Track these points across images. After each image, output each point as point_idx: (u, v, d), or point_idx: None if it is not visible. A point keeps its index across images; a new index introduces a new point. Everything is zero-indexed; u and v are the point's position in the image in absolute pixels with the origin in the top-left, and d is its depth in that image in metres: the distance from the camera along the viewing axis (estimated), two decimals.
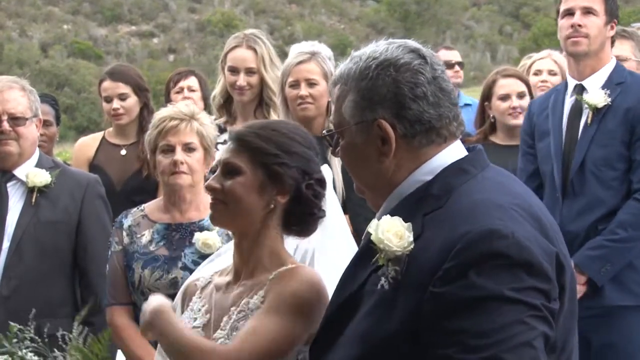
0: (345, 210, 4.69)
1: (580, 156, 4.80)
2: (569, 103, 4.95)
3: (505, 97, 5.71)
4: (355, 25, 68.09)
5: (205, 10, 67.66)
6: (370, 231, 2.25)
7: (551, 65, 6.42)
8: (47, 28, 63.88)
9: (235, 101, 5.51)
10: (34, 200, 4.53)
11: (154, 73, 43.12)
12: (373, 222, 2.26)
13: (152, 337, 2.89)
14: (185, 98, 6.17)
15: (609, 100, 4.79)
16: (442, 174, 2.30)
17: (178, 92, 6.39)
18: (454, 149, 2.35)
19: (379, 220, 2.26)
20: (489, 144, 5.61)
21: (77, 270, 4.61)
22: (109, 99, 5.77)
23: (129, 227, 4.12)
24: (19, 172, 4.58)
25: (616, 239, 4.68)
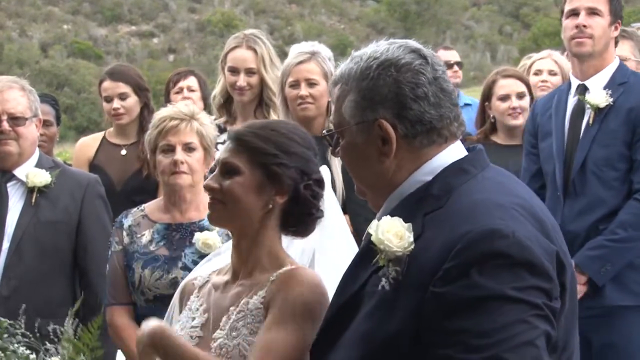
0: (345, 211, 4.69)
1: (582, 156, 4.80)
2: (571, 103, 4.95)
3: (504, 98, 5.71)
4: (355, 25, 68.03)
5: (205, 10, 67.59)
6: (371, 232, 2.24)
7: (551, 65, 6.42)
8: (47, 28, 63.83)
9: (235, 101, 5.51)
10: (34, 201, 4.53)
11: (154, 73, 43.06)
12: (373, 223, 2.25)
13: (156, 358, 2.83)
14: (184, 98, 6.16)
15: (610, 101, 4.79)
16: (442, 174, 2.30)
17: (177, 92, 6.38)
18: (455, 149, 2.34)
19: (379, 220, 2.26)
20: (490, 143, 5.61)
21: (77, 270, 4.61)
22: (109, 99, 5.77)
23: (129, 227, 4.12)
24: (19, 172, 4.58)
25: (616, 239, 4.68)
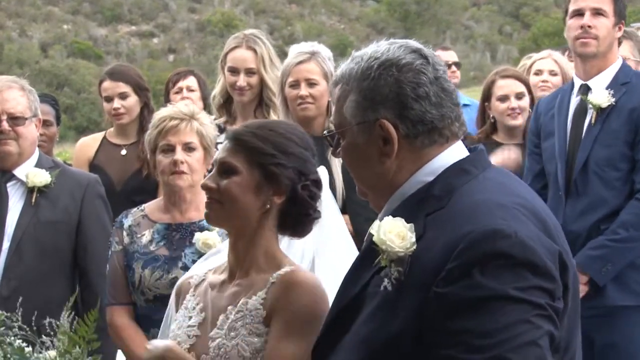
0: (345, 211, 4.69)
1: (584, 156, 4.80)
2: (574, 103, 4.95)
3: (503, 98, 5.70)
4: (355, 25, 68.01)
5: (205, 10, 67.57)
6: (372, 232, 2.23)
7: (552, 66, 6.41)
8: (47, 28, 63.81)
9: (235, 101, 5.50)
10: (33, 201, 4.53)
11: (154, 73, 43.05)
12: (375, 223, 2.24)
13: None
14: (184, 98, 6.16)
15: (612, 101, 4.79)
16: (444, 174, 2.29)
17: (177, 93, 6.37)
18: (456, 150, 2.34)
19: (381, 221, 2.25)
20: (491, 142, 5.62)
21: (77, 270, 4.61)
22: (109, 99, 5.77)
23: (129, 227, 4.12)
24: (19, 172, 4.58)
25: (617, 239, 4.68)
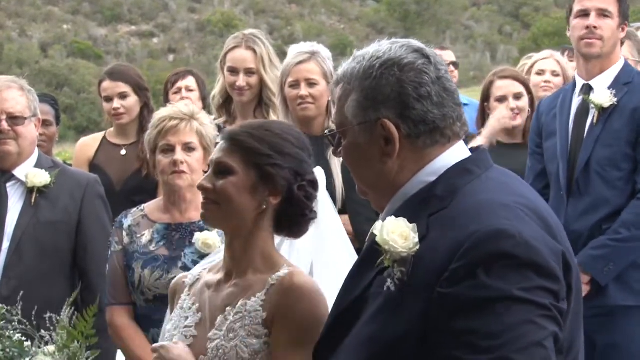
0: (345, 211, 4.69)
1: (586, 156, 4.80)
2: (576, 103, 4.95)
3: (502, 99, 5.70)
4: (355, 25, 68.05)
5: (205, 10, 67.61)
6: (376, 232, 2.22)
7: (554, 66, 6.42)
8: (47, 28, 63.84)
9: (235, 101, 5.50)
10: (33, 201, 4.53)
11: (154, 73, 43.08)
12: (378, 224, 2.23)
13: None
14: (183, 98, 6.16)
15: (614, 100, 4.79)
16: (446, 174, 2.28)
17: (176, 93, 6.37)
18: (458, 150, 2.33)
19: (383, 221, 2.24)
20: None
21: (77, 270, 4.60)
22: (109, 99, 5.76)
23: (129, 227, 4.11)
24: (19, 172, 4.58)
25: (619, 239, 4.67)
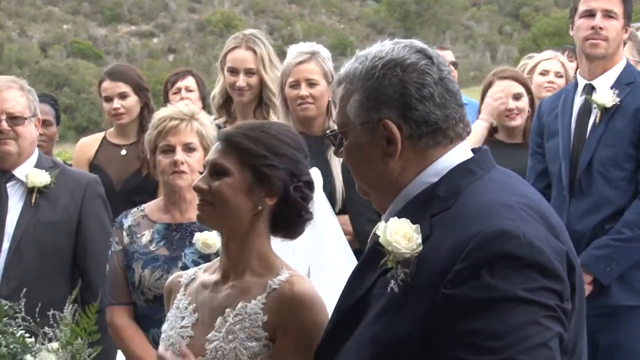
0: (345, 210, 4.68)
1: (588, 156, 4.80)
2: (578, 103, 4.95)
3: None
4: (355, 25, 68.09)
5: (205, 10, 67.65)
6: (378, 233, 2.21)
7: (558, 67, 6.43)
8: (46, 28, 63.88)
9: (235, 102, 5.49)
10: (33, 201, 4.53)
11: (154, 73, 43.11)
12: (381, 224, 2.22)
13: None
14: (183, 98, 6.15)
15: (617, 100, 4.79)
16: (449, 175, 2.27)
17: (176, 93, 6.37)
18: (460, 150, 2.32)
19: (386, 222, 2.23)
20: (493, 141, 5.62)
21: (77, 270, 4.60)
22: (109, 99, 5.76)
23: (129, 227, 4.11)
24: (19, 172, 4.57)
25: (622, 239, 4.67)
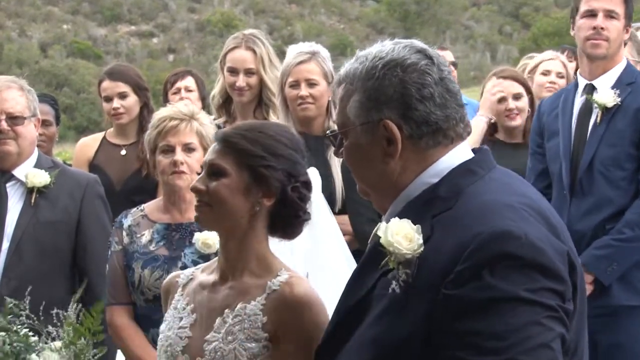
0: (345, 210, 4.68)
1: (589, 156, 4.79)
2: (579, 102, 4.95)
3: (501, 99, 5.70)
4: (355, 25, 68.09)
5: (205, 10, 67.64)
6: (380, 234, 2.20)
7: (560, 68, 6.43)
8: (46, 28, 63.88)
9: (235, 102, 5.49)
10: (33, 201, 4.52)
11: (154, 73, 43.11)
12: (382, 225, 2.22)
13: None
14: (182, 99, 6.15)
15: (618, 100, 4.79)
16: (449, 175, 2.27)
17: (175, 93, 6.37)
18: (461, 151, 2.32)
19: (386, 223, 2.22)
20: (494, 140, 5.62)
21: (77, 270, 4.60)
22: (108, 99, 5.76)
23: (129, 227, 4.11)
24: (18, 172, 4.57)
25: (623, 239, 4.67)
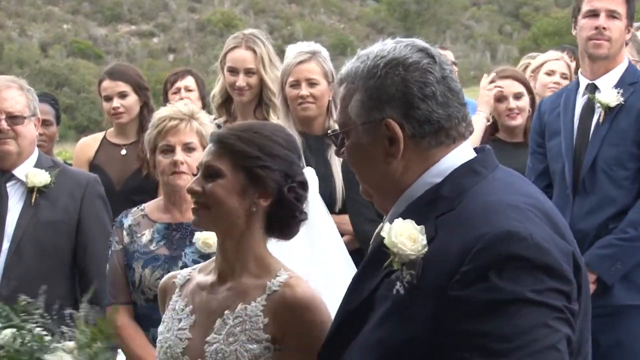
0: (345, 210, 4.68)
1: (592, 155, 4.79)
2: (580, 102, 4.95)
3: (502, 99, 5.70)
4: (355, 25, 68.11)
5: (205, 10, 67.67)
6: (383, 235, 2.19)
7: (564, 69, 6.43)
8: (46, 28, 63.91)
9: (235, 101, 5.49)
10: (33, 201, 4.52)
11: (154, 73, 43.10)
12: (385, 226, 2.20)
13: None
14: (182, 98, 6.14)
15: (621, 100, 4.79)
16: (452, 175, 2.25)
17: (175, 93, 6.36)
18: (463, 150, 2.30)
19: (390, 223, 2.20)
20: (495, 140, 5.62)
21: (77, 270, 4.60)
22: (108, 98, 5.75)
23: (129, 226, 4.11)
24: (19, 172, 4.57)
25: (626, 238, 4.66)
